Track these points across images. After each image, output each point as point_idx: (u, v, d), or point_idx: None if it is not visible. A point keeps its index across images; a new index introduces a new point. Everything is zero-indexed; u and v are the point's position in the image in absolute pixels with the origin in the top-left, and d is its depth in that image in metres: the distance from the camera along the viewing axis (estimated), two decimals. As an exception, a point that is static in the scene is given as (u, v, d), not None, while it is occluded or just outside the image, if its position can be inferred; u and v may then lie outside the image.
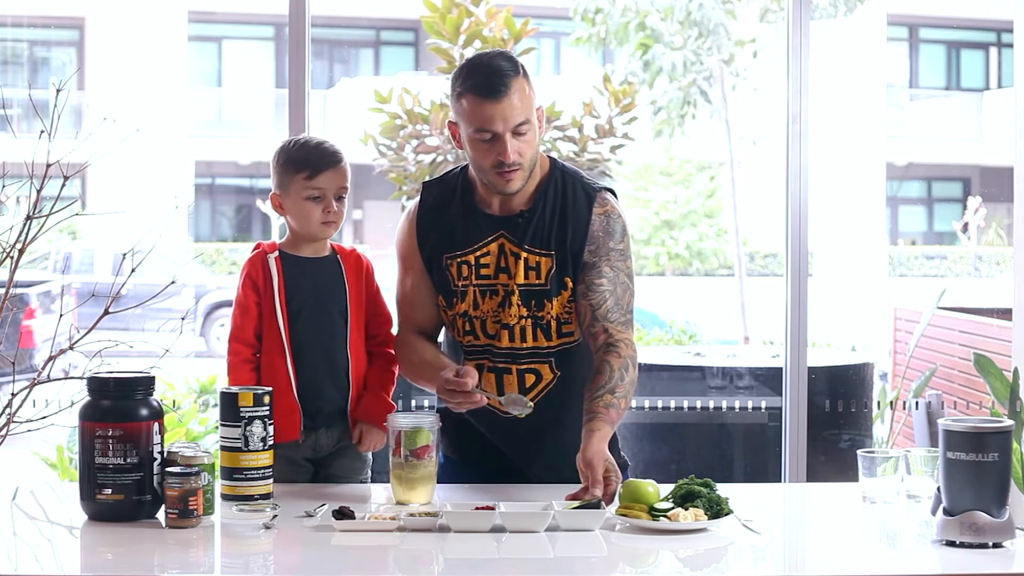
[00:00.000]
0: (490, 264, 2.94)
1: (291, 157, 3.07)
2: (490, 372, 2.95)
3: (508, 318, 2.92)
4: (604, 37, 8.98)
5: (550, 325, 2.93)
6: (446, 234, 2.98)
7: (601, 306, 2.91)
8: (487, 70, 2.83)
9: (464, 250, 2.96)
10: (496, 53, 2.91)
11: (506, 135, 2.83)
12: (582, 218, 2.92)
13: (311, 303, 3.06)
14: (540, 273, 2.92)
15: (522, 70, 2.86)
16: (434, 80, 6.50)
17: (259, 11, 12.29)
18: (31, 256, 3.26)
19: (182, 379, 6.84)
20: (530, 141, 2.86)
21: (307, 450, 3.08)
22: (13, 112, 3.27)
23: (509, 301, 2.92)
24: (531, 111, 2.85)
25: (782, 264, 4.95)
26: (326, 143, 3.09)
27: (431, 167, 6.11)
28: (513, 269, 2.92)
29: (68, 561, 2.48)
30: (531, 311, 2.92)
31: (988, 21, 12.98)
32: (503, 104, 2.81)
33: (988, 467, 2.41)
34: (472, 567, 2.42)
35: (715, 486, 2.62)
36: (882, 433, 6.27)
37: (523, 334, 2.93)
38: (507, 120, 2.82)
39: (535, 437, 2.98)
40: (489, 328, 2.94)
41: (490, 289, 2.94)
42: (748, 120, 9.91)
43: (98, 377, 2.64)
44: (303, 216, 3.06)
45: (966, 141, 12.91)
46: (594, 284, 2.91)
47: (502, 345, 2.93)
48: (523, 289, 2.92)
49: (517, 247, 2.92)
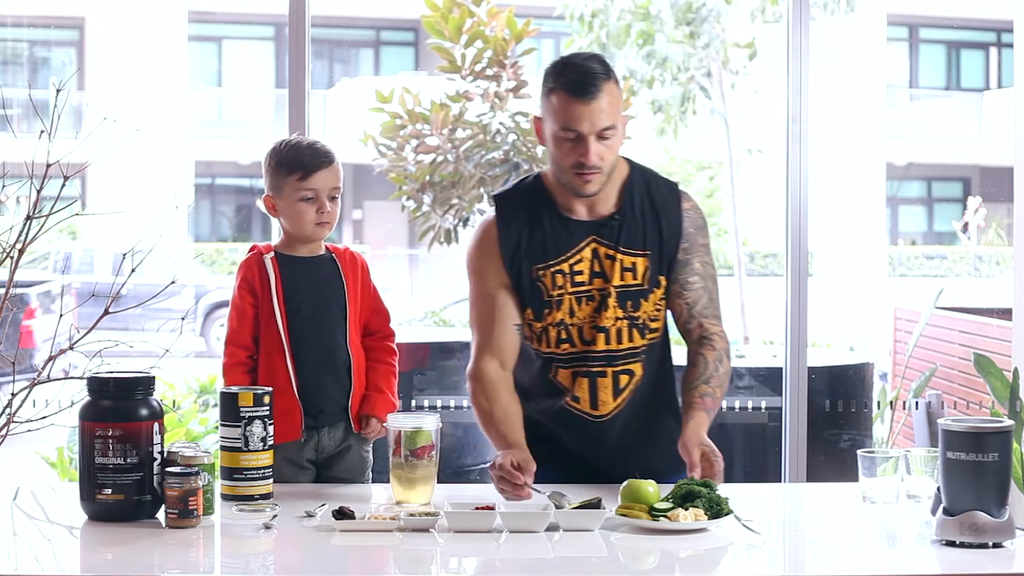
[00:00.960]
0: (584, 271, 2.94)
1: (283, 159, 3.07)
2: (583, 377, 2.95)
3: (604, 321, 2.93)
4: (604, 43, 8.97)
5: (644, 324, 2.96)
6: (534, 244, 2.95)
7: (697, 303, 2.98)
8: (581, 70, 2.84)
9: (557, 259, 2.94)
10: (590, 55, 2.90)
11: (590, 137, 2.83)
12: (673, 215, 2.96)
13: (309, 301, 3.07)
14: (636, 273, 2.94)
15: (614, 76, 2.87)
16: (434, 80, 6.50)
17: (259, 11, 12.28)
18: (31, 256, 3.26)
19: (182, 379, 6.84)
20: (612, 146, 2.87)
21: (310, 451, 3.08)
22: (13, 112, 3.27)
23: (605, 304, 2.93)
24: (617, 117, 2.86)
25: (782, 264, 4.95)
26: (317, 143, 3.10)
27: (431, 167, 6.11)
28: (609, 272, 2.93)
29: (68, 561, 2.48)
30: (627, 312, 2.94)
31: (988, 21, 12.97)
32: (591, 106, 2.82)
33: (988, 467, 2.41)
34: (472, 567, 2.42)
35: (715, 486, 2.62)
36: (882, 433, 6.27)
37: (619, 335, 2.94)
38: (593, 122, 2.82)
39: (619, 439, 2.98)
40: (586, 334, 2.94)
41: (586, 295, 2.94)
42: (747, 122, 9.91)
43: (98, 377, 2.64)
44: (297, 217, 3.06)
45: (966, 141, 12.90)
46: (688, 282, 2.97)
47: (598, 349, 2.94)
48: (619, 290, 2.93)
49: (612, 250, 2.93)
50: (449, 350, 6.28)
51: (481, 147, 6.11)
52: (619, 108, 2.87)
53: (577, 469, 2.97)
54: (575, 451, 2.99)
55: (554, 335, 2.95)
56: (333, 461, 3.12)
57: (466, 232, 6.26)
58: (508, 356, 2.99)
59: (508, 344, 2.98)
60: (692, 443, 2.78)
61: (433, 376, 6.11)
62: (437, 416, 2.83)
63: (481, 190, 6.11)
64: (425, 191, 6.15)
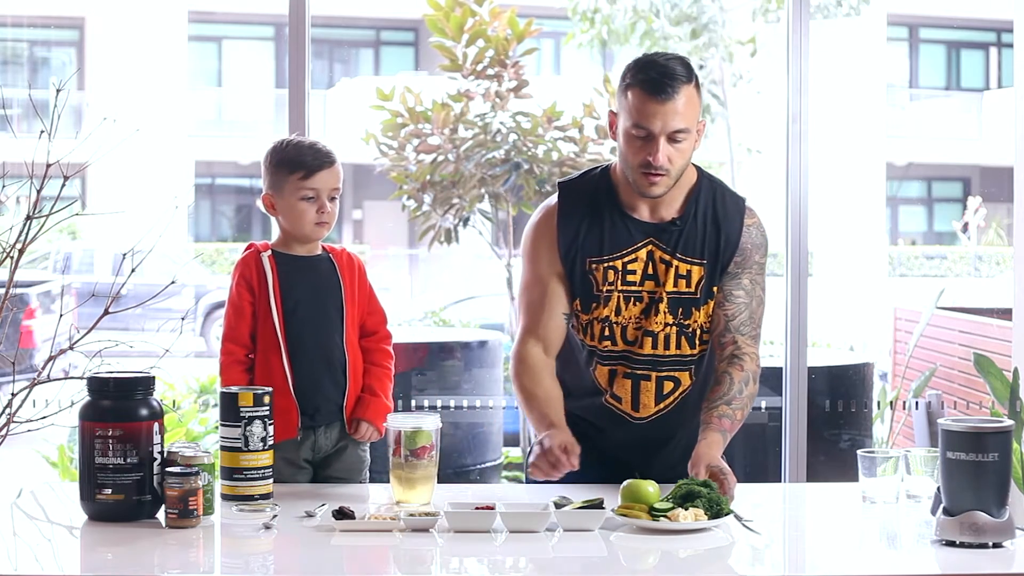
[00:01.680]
0: (637, 271, 2.93)
1: (285, 158, 3.07)
2: (626, 378, 2.94)
3: (653, 325, 2.91)
4: (605, 39, 8.96)
5: (695, 334, 2.93)
6: (591, 237, 2.94)
7: (736, 318, 2.94)
8: (660, 70, 2.82)
9: (612, 255, 2.93)
10: (673, 56, 2.89)
11: (661, 137, 2.81)
12: (734, 228, 2.94)
13: (307, 300, 3.07)
14: (690, 282, 2.92)
15: (695, 80, 2.85)
16: (435, 79, 6.50)
17: (259, 11, 12.28)
18: (31, 256, 3.26)
19: (182, 379, 6.84)
20: (683, 150, 2.85)
21: (306, 450, 3.08)
22: (13, 112, 3.27)
23: (656, 308, 2.91)
24: (693, 121, 2.84)
25: (782, 264, 4.95)
26: (318, 143, 3.10)
27: (432, 166, 6.11)
28: (663, 277, 2.91)
29: (68, 561, 2.48)
30: (677, 319, 2.92)
31: (988, 21, 12.97)
32: (666, 106, 2.80)
33: (988, 467, 2.40)
34: (472, 567, 2.42)
35: (715, 486, 2.61)
36: (882, 433, 6.27)
37: (667, 342, 2.92)
38: (666, 123, 2.81)
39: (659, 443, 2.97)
40: (629, 335, 2.93)
41: (635, 296, 2.93)
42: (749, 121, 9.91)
43: (98, 377, 2.64)
44: (297, 217, 3.06)
45: (966, 141, 12.90)
46: (732, 295, 2.94)
47: (644, 352, 2.92)
48: (672, 297, 2.92)
49: (669, 255, 2.92)
50: (449, 350, 6.28)
51: (482, 147, 6.11)
52: (696, 114, 2.85)
53: (618, 469, 2.88)
54: (614, 451, 2.97)
55: (598, 330, 2.95)
56: (330, 460, 3.11)
57: (466, 232, 6.26)
58: (552, 342, 2.99)
59: (554, 331, 2.98)
60: (700, 464, 2.74)
61: (433, 376, 6.11)
62: (437, 416, 2.83)
63: (482, 190, 6.11)
64: (425, 191, 6.15)
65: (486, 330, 7.47)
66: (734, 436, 2.91)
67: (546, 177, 6.00)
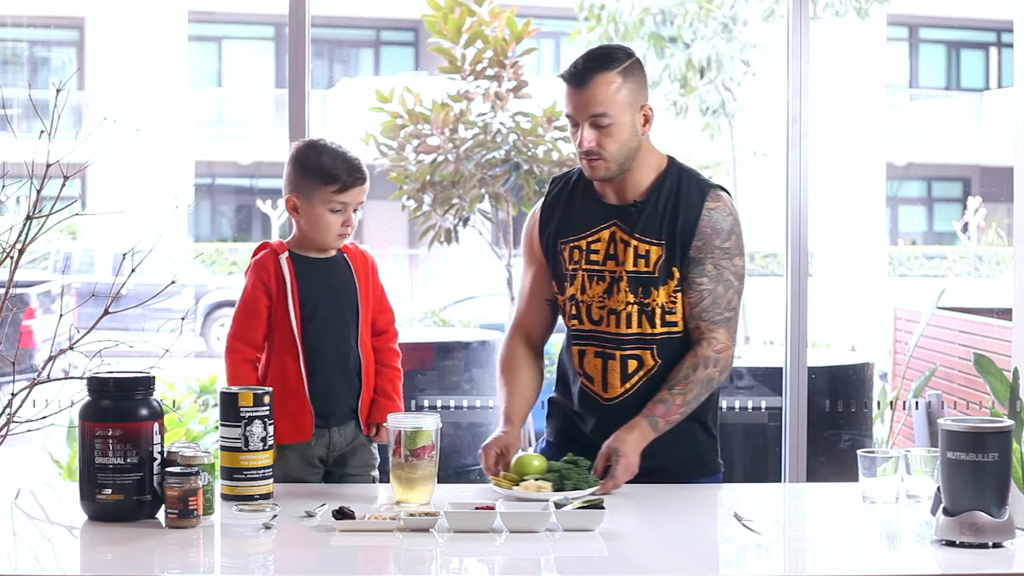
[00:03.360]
0: (600, 251, 3.02)
1: (320, 167, 3.05)
2: (596, 357, 3.03)
3: (616, 304, 3.00)
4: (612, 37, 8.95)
5: (655, 312, 2.99)
6: (564, 221, 3.08)
7: (698, 304, 2.99)
8: (581, 60, 2.96)
9: (577, 235, 3.05)
10: (608, 47, 3.05)
11: (584, 123, 2.93)
12: (693, 210, 2.99)
13: (325, 304, 3.07)
14: (649, 261, 2.99)
15: (620, 67, 2.95)
16: (435, 80, 6.50)
17: (259, 11, 12.28)
18: (31, 256, 3.26)
19: (182, 379, 6.84)
20: (612, 135, 2.94)
21: (320, 449, 3.09)
22: (13, 112, 3.27)
23: (618, 287, 3.00)
24: (617, 107, 2.93)
25: (782, 264, 4.95)
26: (351, 155, 3.08)
27: (432, 167, 6.11)
28: (622, 256, 3.00)
29: (68, 561, 2.48)
30: (638, 298, 2.99)
31: (988, 21, 12.97)
32: (581, 93, 2.93)
33: (988, 467, 2.40)
34: (472, 567, 2.42)
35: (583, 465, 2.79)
36: (882, 433, 6.27)
37: (629, 320, 2.99)
38: (583, 109, 2.93)
39: None
40: (594, 313, 3.02)
41: (598, 275, 3.02)
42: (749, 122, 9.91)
43: (98, 377, 2.64)
44: (322, 226, 3.06)
45: (966, 141, 12.90)
46: (695, 282, 2.99)
47: (609, 330, 3.01)
48: (632, 276, 2.99)
49: (628, 235, 3.00)
50: (449, 350, 6.29)
51: (482, 147, 6.11)
52: (622, 98, 2.94)
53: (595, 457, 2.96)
54: (595, 438, 3.01)
55: (569, 309, 3.06)
56: (345, 458, 3.14)
57: (466, 232, 6.26)
58: (536, 331, 3.15)
59: (537, 319, 3.14)
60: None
61: (433, 376, 6.12)
62: (437, 416, 2.83)
63: (482, 190, 6.11)
64: (425, 191, 6.15)
65: (486, 330, 7.47)
66: (734, 436, 2.93)
67: (546, 177, 6.00)
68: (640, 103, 2.97)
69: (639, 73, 2.98)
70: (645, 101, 2.99)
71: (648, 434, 2.91)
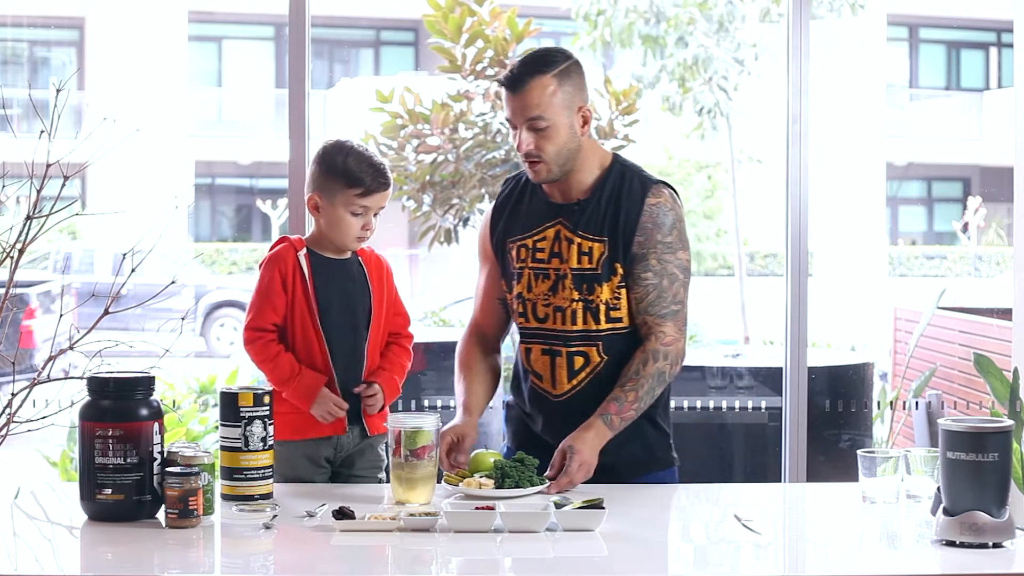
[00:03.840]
0: (545, 248, 3.06)
1: (346, 169, 3.06)
2: (544, 355, 3.06)
3: (561, 301, 3.03)
4: (608, 40, 8.96)
5: (599, 309, 3.02)
6: (512, 221, 3.13)
7: (644, 299, 3.02)
8: (516, 64, 3.00)
9: (523, 234, 3.09)
10: (545, 50, 3.08)
11: (521, 126, 2.97)
12: (635, 206, 3.02)
13: (339, 306, 3.09)
14: (592, 258, 3.02)
15: (555, 70, 2.97)
16: (435, 79, 6.50)
17: (259, 11, 12.28)
18: (31, 256, 3.26)
19: (182, 379, 6.84)
20: (550, 137, 2.97)
21: (328, 450, 3.10)
22: (13, 112, 3.27)
23: (562, 284, 3.03)
24: (553, 109, 2.96)
25: (782, 264, 4.95)
26: (376, 160, 3.09)
27: (432, 167, 6.11)
28: (566, 254, 3.03)
29: (68, 561, 2.48)
30: (582, 295, 3.02)
31: (988, 21, 12.97)
32: (517, 97, 2.98)
33: (988, 467, 2.41)
34: (472, 567, 2.42)
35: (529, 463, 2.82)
36: (882, 433, 6.27)
37: (574, 317, 3.02)
38: (520, 113, 2.97)
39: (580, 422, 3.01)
40: (540, 311, 3.06)
41: (543, 272, 3.05)
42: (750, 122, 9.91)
43: (98, 377, 2.64)
44: (343, 228, 3.07)
45: (966, 141, 12.90)
46: (640, 278, 3.02)
47: (555, 328, 3.04)
48: (576, 273, 3.02)
49: (572, 233, 3.04)
50: (449, 350, 6.25)
51: (482, 147, 6.11)
52: (559, 101, 2.97)
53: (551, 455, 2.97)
54: (547, 438, 3.04)
55: (516, 307, 3.10)
56: (351, 460, 3.15)
57: (466, 232, 6.26)
58: (490, 329, 3.20)
59: (491, 317, 3.19)
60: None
61: (433, 376, 6.11)
62: (437, 416, 2.84)
63: (482, 190, 6.11)
64: (425, 191, 6.15)
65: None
66: (734, 436, 2.93)
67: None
68: (578, 105, 3.00)
69: (577, 75, 3.01)
70: (584, 103, 3.02)
71: (604, 432, 2.92)
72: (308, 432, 3.06)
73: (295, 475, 3.05)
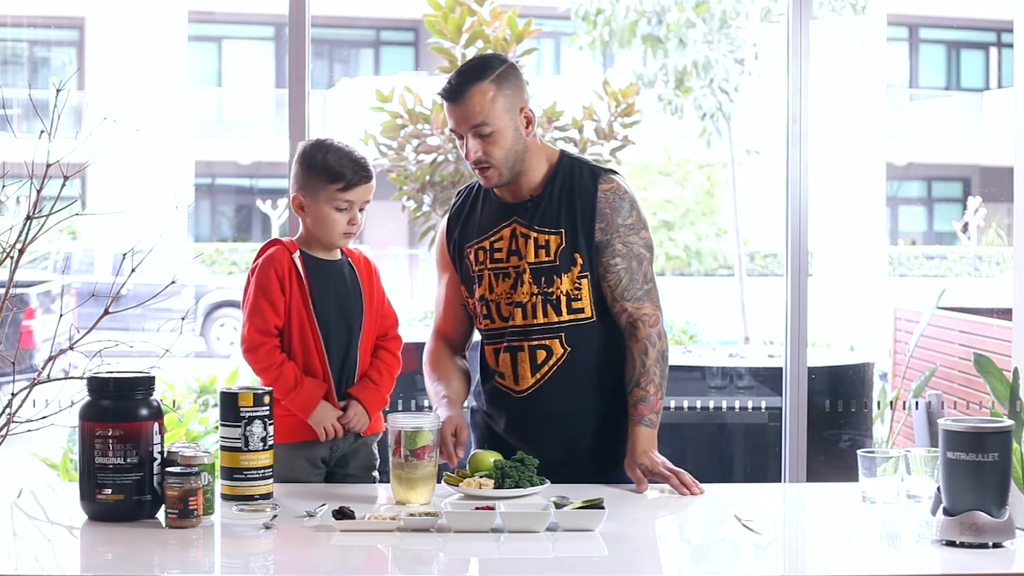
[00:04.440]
0: (503, 248, 3.08)
1: (325, 165, 3.06)
2: (505, 352, 3.07)
3: (520, 296, 3.05)
4: (608, 40, 8.96)
5: (559, 300, 3.04)
6: (468, 226, 3.15)
7: (618, 286, 3.04)
8: (454, 75, 3.02)
9: (480, 237, 3.11)
10: (481, 58, 3.10)
11: (467, 135, 3.00)
12: (588, 194, 3.05)
13: (334, 308, 3.09)
14: (549, 250, 3.04)
15: (493, 75, 3.00)
16: (435, 80, 6.50)
17: (259, 11, 12.29)
18: (31, 256, 3.26)
19: (182, 379, 6.84)
20: (496, 142, 3.00)
21: (324, 450, 3.10)
22: (13, 112, 3.27)
23: (521, 280, 3.05)
24: (495, 115, 2.99)
25: (782, 264, 4.95)
26: (357, 154, 3.09)
27: (432, 167, 6.11)
28: (523, 250, 3.06)
29: (68, 561, 2.48)
30: (541, 288, 3.04)
31: (988, 21, 12.98)
32: (459, 107, 3.00)
33: (988, 467, 2.41)
34: (472, 567, 2.42)
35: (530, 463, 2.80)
36: (882, 433, 6.27)
37: (534, 311, 3.04)
38: (463, 122, 3.00)
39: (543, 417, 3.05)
40: (503, 310, 3.08)
41: (503, 272, 3.07)
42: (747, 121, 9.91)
43: (98, 377, 2.64)
44: (327, 224, 3.07)
45: (966, 141, 12.90)
46: (609, 265, 3.04)
47: (516, 323, 3.06)
48: (533, 267, 3.04)
49: (528, 228, 3.06)
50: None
51: (481, 147, 6.10)
52: (501, 106, 2.99)
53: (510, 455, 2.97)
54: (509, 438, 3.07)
55: (479, 310, 3.11)
56: (346, 459, 3.15)
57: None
58: (455, 335, 3.21)
59: (452, 323, 3.21)
60: (631, 465, 2.94)
61: (433, 376, 6.10)
62: (436, 416, 2.84)
63: (481, 190, 6.10)
64: (425, 191, 6.15)
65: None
66: (734, 436, 2.94)
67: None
68: (519, 106, 3.02)
69: (514, 78, 3.02)
70: (524, 104, 3.04)
71: (650, 434, 2.96)
72: (305, 435, 3.06)
73: (292, 476, 3.05)
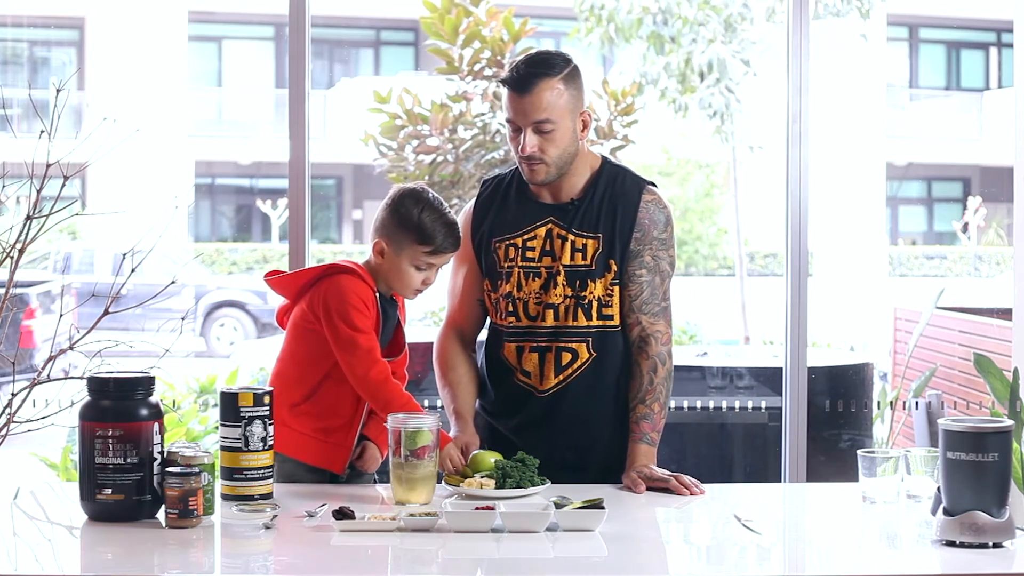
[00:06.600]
0: (536, 247, 3.08)
1: (420, 225, 3.01)
2: (532, 352, 3.07)
3: (553, 298, 3.05)
4: (613, 37, 8.95)
5: (591, 305, 3.05)
6: (498, 220, 3.13)
7: (638, 297, 3.06)
8: (523, 66, 3.00)
9: (512, 233, 3.09)
10: (547, 53, 3.08)
11: (527, 129, 2.98)
12: (631, 203, 3.06)
13: (384, 342, 3.08)
14: (586, 255, 3.05)
15: (564, 73, 3.00)
16: (434, 80, 6.50)
17: (259, 11, 12.29)
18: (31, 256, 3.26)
19: (182, 379, 6.84)
20: (555, 140, 2.99)
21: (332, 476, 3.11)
22: (13, 112, 3.27)
23: (555, 282, 3.05)
24: (559, 113, 2.98)
25: (782, 264, 4.95)
26: (450, 217, 3.04)
27: (431, 167, 6.12)
28: (559, 252, 3.05)
29: (68, 561, 2.48)
30: (575, 291, 3.04)
31: (988, 21, 12.98)
32: (525, 100, 2.98)
33: (988, 467, 2.41)
34: (472, 567, 2.42)
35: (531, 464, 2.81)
36: (882, 433, 6.27)
37: (566, 314, 3.05)
38: (527, 115, 2.97)
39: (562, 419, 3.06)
40: (531, 310, 3.07)
41: (534, 271, 3.07)
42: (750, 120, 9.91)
43: (98, 377, 2.64)
44: (404, 280, 3.05)
45: (966, 141, 12.90)
46: (635, 275, 3.06)
47: (546, 324, 3.05)
48: (568, 270, 3.05)
49: (565, 231, 3.06)
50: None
51: (481, 147, 6.12)
52: (566, 105, 2.99)
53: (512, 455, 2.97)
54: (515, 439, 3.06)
55: (504, 307, 3.10)
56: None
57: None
58: (469, 328, 3.21)
59: (469, 316, 3.19)
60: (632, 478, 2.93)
61: (433, 376, 6.11)
62: (437, 416, 2.84)
63: (481, 190, 6.11)
64: (425, 191, 6.15)
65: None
66: (734, 436, 2.95)
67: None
68: (580, 109, 3.03)
69: (578, 79, 3.03)
70: (584, 107, 3.05)
71: (650, 453, 2.99)
72: (322, 462, 3.03)
73: (291, 481, 3.04)
